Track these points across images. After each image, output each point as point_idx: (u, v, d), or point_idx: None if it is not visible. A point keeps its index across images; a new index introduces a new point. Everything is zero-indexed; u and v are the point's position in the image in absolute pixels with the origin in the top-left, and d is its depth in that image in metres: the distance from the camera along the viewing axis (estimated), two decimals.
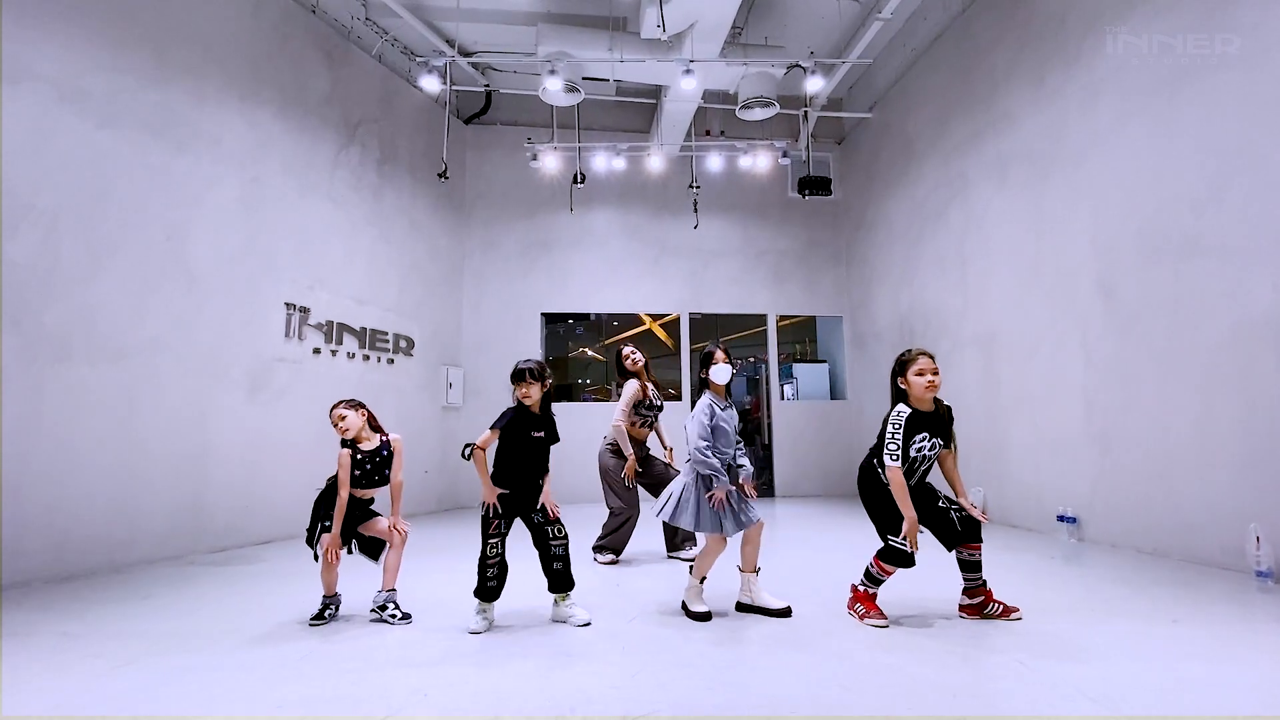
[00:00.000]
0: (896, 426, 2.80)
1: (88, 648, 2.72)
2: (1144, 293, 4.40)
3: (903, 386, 2.89)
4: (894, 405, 2.87)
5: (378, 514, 3.17)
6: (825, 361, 9.51)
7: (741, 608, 3.11)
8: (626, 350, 4.50)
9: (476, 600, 2.92)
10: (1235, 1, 3.86)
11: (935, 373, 2.84)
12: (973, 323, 6.18)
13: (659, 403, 4.48)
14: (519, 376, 2.95)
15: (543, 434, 2.99)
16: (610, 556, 4.34)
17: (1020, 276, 5.58)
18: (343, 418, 3.06)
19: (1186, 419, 4.08)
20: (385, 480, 3.11)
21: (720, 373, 3.13)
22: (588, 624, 2.87)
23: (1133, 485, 4.46)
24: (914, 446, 2.84)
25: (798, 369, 9.33)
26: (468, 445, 2.92)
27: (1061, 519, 4.97)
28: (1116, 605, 3.14)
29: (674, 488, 3.08)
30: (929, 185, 7.02)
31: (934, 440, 2.86)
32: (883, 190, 8.09)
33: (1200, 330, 4.01)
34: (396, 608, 3.01)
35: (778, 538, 5.29)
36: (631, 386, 4.38)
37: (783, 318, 9.21)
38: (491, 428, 2.93)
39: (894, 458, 2.78)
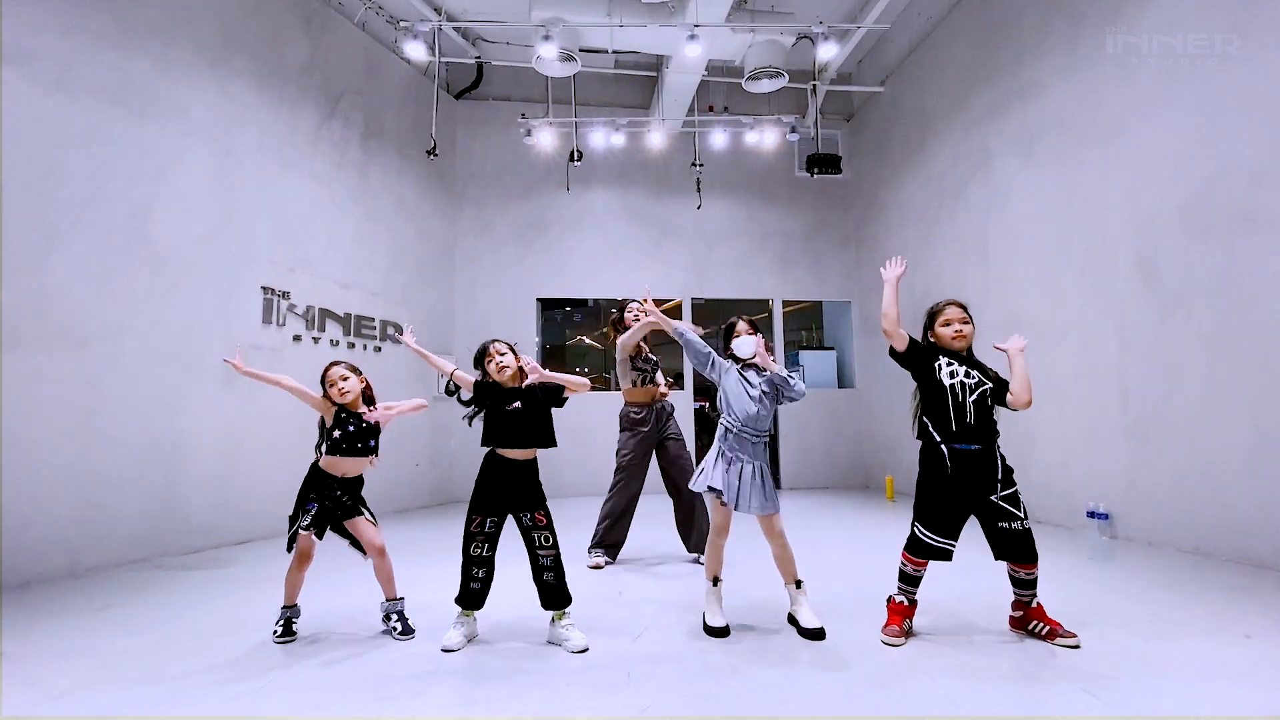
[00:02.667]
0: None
1: (23, 672, 2.40)
2: (1190, 272, 4.06)
3: (932, 340, 2.68)
4: None
5: (362, 512, 2.82)
6: (832, 349, 9.18)
7: (790, 619, 2.79)
8: (634, 304, 4.11)
9: (457, 608, 2.63)
10: None
11: (964, 322, 2.60)
12: (995, 306, 5.83)
13: (654, 358, 4.21)
14: (484, 350, 2.72)
15: (519, 404, 2.65)
16: (602, 558, 3.97)
17: (1048, 256, 5.23)
18: (344, 378, 2.78)
19: (1237, 408, 3.76)
20: (363, 451, 2.78)
21: (744, 346, 2.81)
22: (584, 650, 2.49)
23: (1174, 479, 4.15)
24: (943, 370, 2.56)
25: (804, 356, 8.99)
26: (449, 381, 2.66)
27: (1092, 515, 4.66)
28: (1174, 616, 2.83)
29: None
30: (946, 162, 6.64)
31: (972, 373, 2.55)
32: (895, 168, 7.70)
33: (1255, 312, 3.68)
34: (399, 618, 2.73)
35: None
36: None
37: (788, 303, 8.85)
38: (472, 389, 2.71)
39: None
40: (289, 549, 2.73)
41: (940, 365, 2.58)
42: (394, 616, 2.74)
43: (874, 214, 8.25)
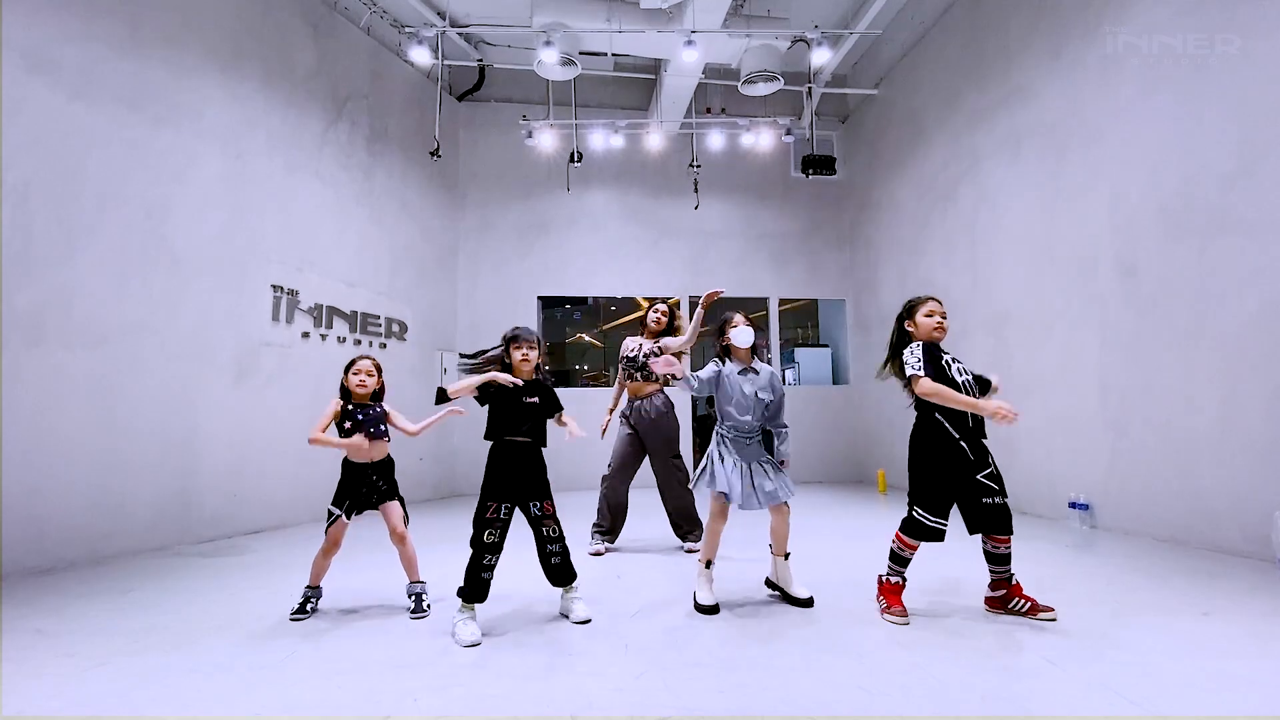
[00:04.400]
0: (915, 354, 2.67)
1: (61, 646, 2.57)
2: (1166, 271, 4.23)
3: (909, 329, 2.78)
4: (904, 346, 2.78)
5: (393, 498, 3.01)
6: (827, 346, 9.36)
7: (769, 583, 2.99)
8: (659, 306, 4.36)
9: (460, 603, 2.61)
10: None
11: (944, 316, 2.75)
12: (983, 304, 6.01)
13: (636, 356, 4.29)
14: (516, 338, 2.81)
15: (537, 400, 2.79)
16: (600, 545, 4.17)
17: (1033, 256, 5.40)
18: (370, 374, 2.98)
19: (1209, 401, 3.93)
20: (376, 435, 2.97)
21: (742, 335, 2.92)
22: (586, 621, 2.71)
23: (1150, 470, 4.32)
24: (952, 367, 2.68)
25: (799, 353, 9.18)
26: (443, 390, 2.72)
27: (1073, 505, 4.84)
28: (1141, 597, 3.00)
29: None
30: (937, 163, 6.81)
31: (964, 367, 2.72)
32: (888, 169, 7.87)
33: (1226, 310, 3.85)
34: (416, 599, 2.91)
35: None
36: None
37: (784, 301, 9.03)
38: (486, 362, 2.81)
39: (916, 368, 2.63)
40: (328, 525, 2.93)
41: (949, 363, 2.69)
42: (413, 597, 2.93)
43: (868, 214, 8.42)
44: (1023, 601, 2.69)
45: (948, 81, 6.64)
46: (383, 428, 3.00)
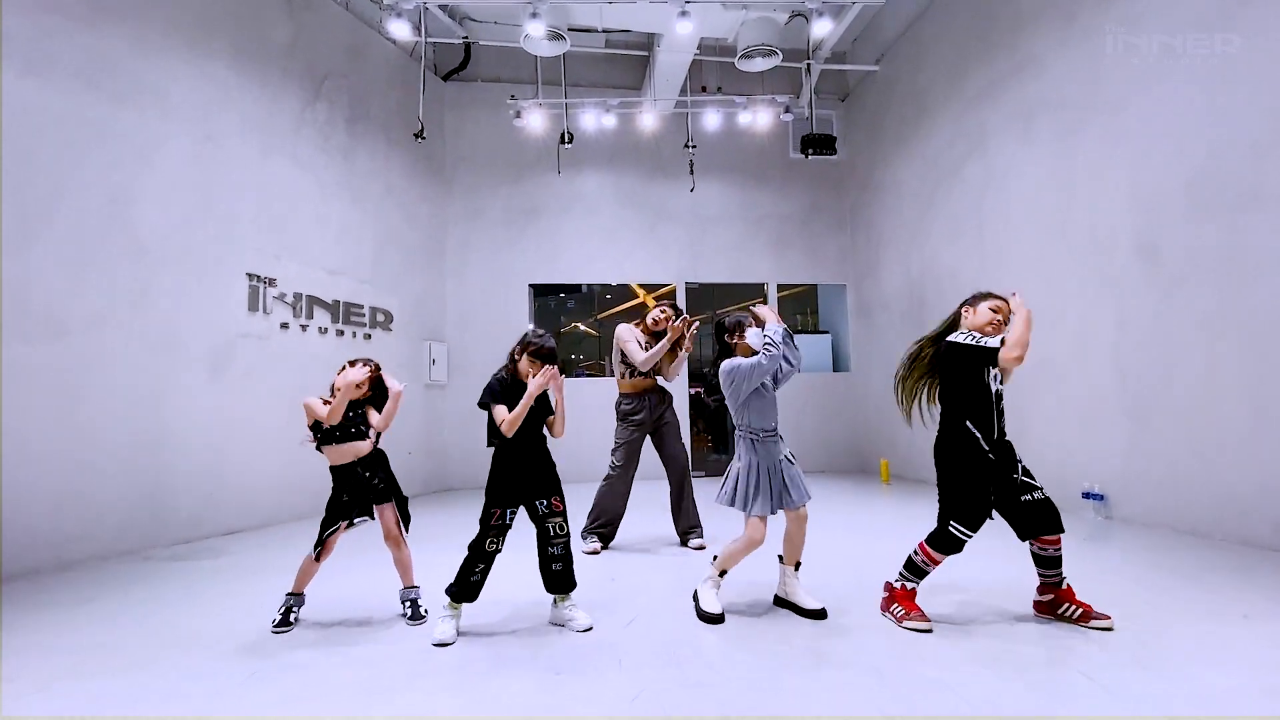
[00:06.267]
0: (977, 339, 2.46)
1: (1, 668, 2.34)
2: (1191, 251, 4.00)
3: (964, 312, 2.60)
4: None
5: (390, 499, 2.84)
6: (827, 333, 9.13)
7: (778, 601, 2.81)
8: (665, 305, 4.14)
9: (446, 599, 2.56)
10: None
11: (1006, 321, 2.54)
12: (991, 288, 5.69)
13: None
14: (550, 357, 2.60)
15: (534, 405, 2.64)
16: (596, 544, 3.96)
17: (1046, 237, 5.16)
18: (358, 388, 2.72)
19: (1237, 388, 3.72)
20: (353, 436, 2.75)
21: (758, 337, 2.79)
22: (589, 629, 2.52)
23: (1171, 460, 4.12)
24: (990, 374, 2.50)
25: (798, 340, 8.91)
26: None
27: (1087, 496, 4.64)
28: (1174, 597, 2.80)
29: (730, 468, 2.77)
30: (942, 141, 6.55)
31: (997, 374, 2.52)
32: (891, 149, 7.60)
33: (1257, 291, 3.63)
34: (411, 605, 2.73)
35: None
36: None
37: (783, 287, 8.78)
38: (494, 402, 2.61)
39: (983, 341, 2.45)
40: (316, 554, 2.71)
41: (988, 370, 2.51)
42: (407, 603, 2.74)
43: (869, 195, 8.16)
44: (1075, 607, 2.48)
45: (953, 55, 6.35)
46: (364, 427, 2.81)
